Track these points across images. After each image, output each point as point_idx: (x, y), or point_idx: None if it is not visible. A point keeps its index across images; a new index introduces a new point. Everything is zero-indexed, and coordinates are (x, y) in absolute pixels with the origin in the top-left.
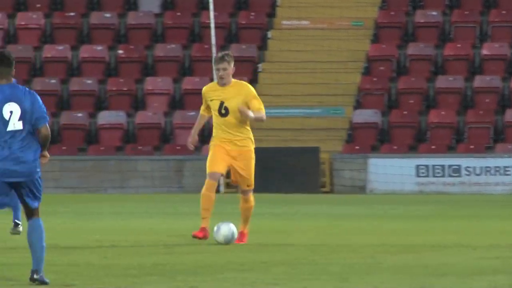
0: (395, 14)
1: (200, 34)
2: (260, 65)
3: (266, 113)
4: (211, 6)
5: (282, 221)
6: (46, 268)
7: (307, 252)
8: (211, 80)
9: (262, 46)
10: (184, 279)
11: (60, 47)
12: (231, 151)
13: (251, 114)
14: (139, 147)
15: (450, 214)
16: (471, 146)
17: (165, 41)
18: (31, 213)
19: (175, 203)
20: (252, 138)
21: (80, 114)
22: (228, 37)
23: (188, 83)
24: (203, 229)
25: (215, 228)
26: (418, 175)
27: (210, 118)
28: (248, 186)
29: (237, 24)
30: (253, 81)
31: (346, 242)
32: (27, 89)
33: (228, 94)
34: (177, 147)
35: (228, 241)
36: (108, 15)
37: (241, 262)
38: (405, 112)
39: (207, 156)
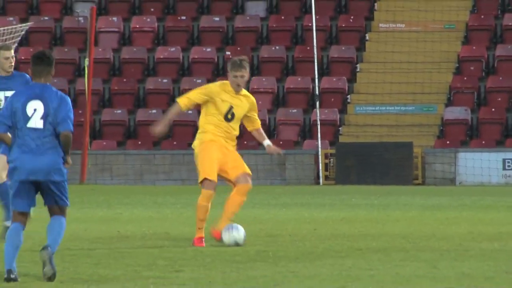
0: (484, 18)
1: (303, 36)
2: (358, 66)
3: (363, 110)
4: (313, 10)
5: (378, 211)
6: (160, 254)
7: (400, 240)
8: (313, 80)
9: (360, 47)
10: (285, 265)
11: (172, 49)
12: (224, 147)
13: (278, 150)
14: (245, 142)
15: None
16: None
17: (269, 43)
18: (53, 213)
19: (278, 195)
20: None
21: (190, 112)
22: (329, 39)
23: (290, 82)
24: (201, 239)
25: (233, 229)
26: (504, 168)
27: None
28: (247, 170)
29: (337, 27)
30: (351, 81)
31: (436, 231)
32: (60, 92)
33: (238, 101)
34: (280, 142)
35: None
36: (217, 18)
37: (338, 250)
38: (493, 109)
39: (308, 150)
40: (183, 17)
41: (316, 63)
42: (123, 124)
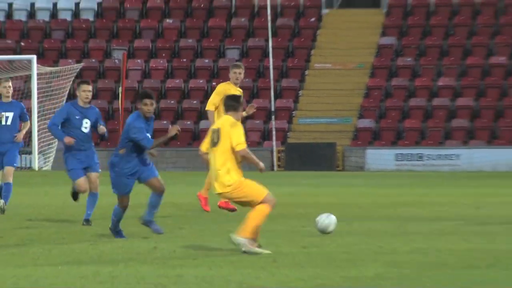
0: (384, 60)
1: (263, 72)
2: (300, 92)
3: (304, 121)
4: (270, 55)
5: (313, 188)
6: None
7: (328, 206)
8: (270, 101)
9: (302, 79)
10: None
11: (177, 80)
12: None
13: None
14: None
15: None
16: None
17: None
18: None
19: (246, 178)
20: None
21: None
22: (280, 74)
23: (255, 102)
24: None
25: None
26: (397, 160)
27: None
28: None
29: (286, 66)
30: (296, 102)
31: (351, 200)
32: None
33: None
34: (249, 143)
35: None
36: (206, 60)
37: (286, 214)
38: (389, 121)
39: (266, 148)
40: (184, 60)
41: (272, 90)
42: None
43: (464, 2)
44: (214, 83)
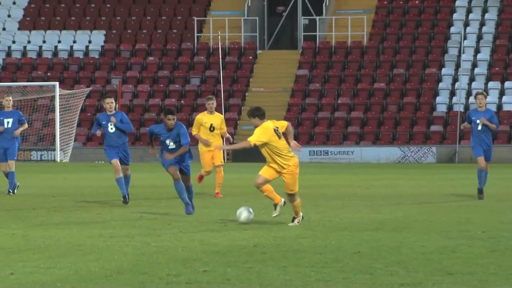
0: (302, 85)
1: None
2: (243, 108)
3: (247, 127)
4: (221, 81)
5: (253, 175)
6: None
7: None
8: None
9: (243, 100)
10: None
11: (156, 99)
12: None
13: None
14: None
15: None
16: None
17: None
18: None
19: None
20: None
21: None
22: (229, 97)
23: None
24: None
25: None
26: (309, 155)
27: None
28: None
29: (232, 90)
30: (240, 114)
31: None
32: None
33: (214, 118)
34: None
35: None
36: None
37: (236, 192)
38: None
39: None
40: (161, 85)
41: (223, 106)
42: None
43: (354, 45)
44: (182, 101)
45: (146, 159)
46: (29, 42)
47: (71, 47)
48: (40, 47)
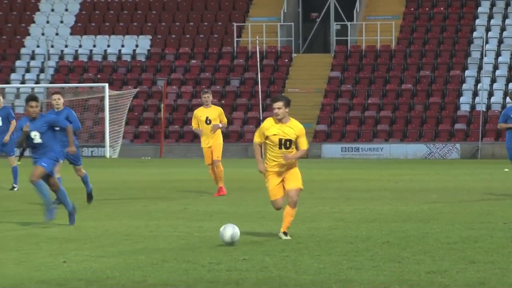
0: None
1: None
2: None
3: None
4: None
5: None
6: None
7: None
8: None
9: None
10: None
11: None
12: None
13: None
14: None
15: None
16: None
17: None
18: None
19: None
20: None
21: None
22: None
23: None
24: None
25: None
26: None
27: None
28: None
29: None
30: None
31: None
32: None
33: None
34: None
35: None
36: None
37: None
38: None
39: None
40: (203, 86)
41: (260, 106)
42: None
43: (383, 49)
44: (223, 101)
45: (189, 155)
46: (80, 46)
47: (119, 51)
48: (91, 51)
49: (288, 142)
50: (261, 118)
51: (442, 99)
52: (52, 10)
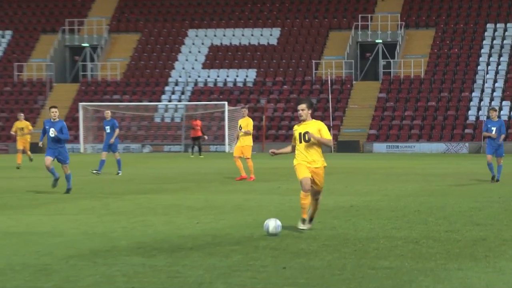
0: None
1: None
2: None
3: None
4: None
5: None
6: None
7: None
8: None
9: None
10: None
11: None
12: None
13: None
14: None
15: None
16: None
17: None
18: None
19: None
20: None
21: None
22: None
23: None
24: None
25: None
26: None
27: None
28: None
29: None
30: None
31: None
32: None
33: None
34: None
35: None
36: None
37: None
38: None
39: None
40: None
41: (331, 118)
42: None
43: (415, 77)
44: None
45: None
46: (208, 76)
47: (235, 79)
48: (215, 79)
49: (306, 135)
50: (331, 125)
51: (456, 112)
52: (190, 52)
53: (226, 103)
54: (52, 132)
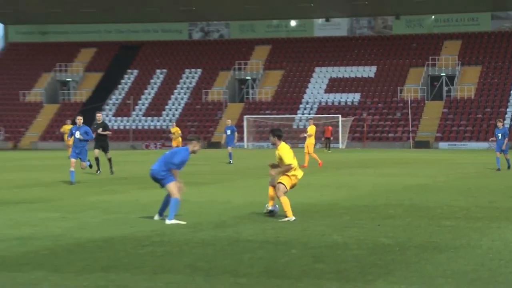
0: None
1: None
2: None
3: None
4: None
5: None
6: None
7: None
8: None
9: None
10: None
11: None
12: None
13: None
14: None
15: None
16: None
17: None
18: None
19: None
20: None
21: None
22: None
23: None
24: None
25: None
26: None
27: None
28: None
29: None
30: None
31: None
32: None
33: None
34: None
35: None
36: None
37: None
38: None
39: None
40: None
41: (409, 127)
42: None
43: (468, 98)
44: (387, 122)
45: (379, 147)
46: (328, 98)
47: (346, 100)
48: (332, 100)
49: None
50: (410, 130)
51: (495, 121)
52: (316, 82)
53: (340, 116)
54: (77, 135)
